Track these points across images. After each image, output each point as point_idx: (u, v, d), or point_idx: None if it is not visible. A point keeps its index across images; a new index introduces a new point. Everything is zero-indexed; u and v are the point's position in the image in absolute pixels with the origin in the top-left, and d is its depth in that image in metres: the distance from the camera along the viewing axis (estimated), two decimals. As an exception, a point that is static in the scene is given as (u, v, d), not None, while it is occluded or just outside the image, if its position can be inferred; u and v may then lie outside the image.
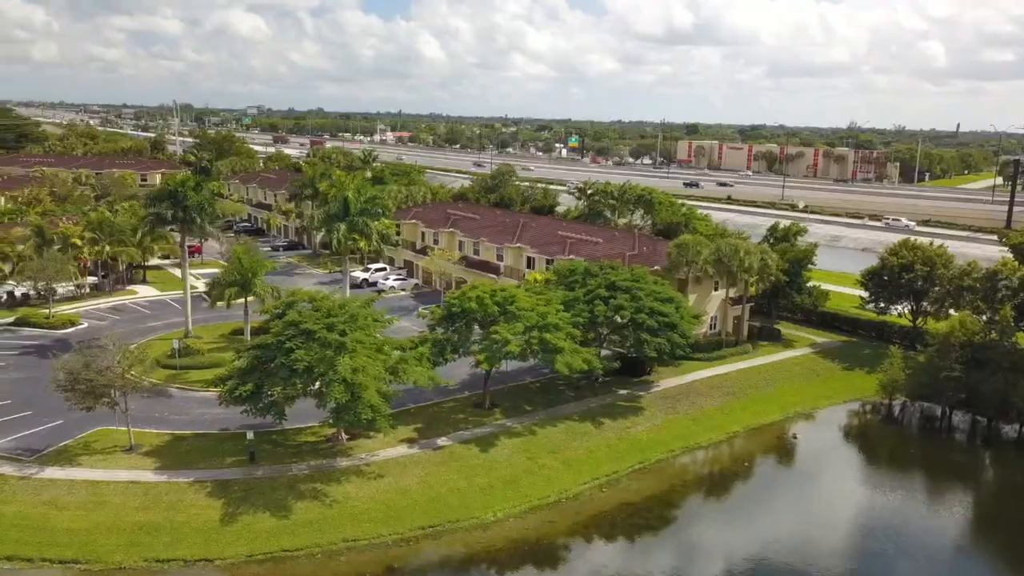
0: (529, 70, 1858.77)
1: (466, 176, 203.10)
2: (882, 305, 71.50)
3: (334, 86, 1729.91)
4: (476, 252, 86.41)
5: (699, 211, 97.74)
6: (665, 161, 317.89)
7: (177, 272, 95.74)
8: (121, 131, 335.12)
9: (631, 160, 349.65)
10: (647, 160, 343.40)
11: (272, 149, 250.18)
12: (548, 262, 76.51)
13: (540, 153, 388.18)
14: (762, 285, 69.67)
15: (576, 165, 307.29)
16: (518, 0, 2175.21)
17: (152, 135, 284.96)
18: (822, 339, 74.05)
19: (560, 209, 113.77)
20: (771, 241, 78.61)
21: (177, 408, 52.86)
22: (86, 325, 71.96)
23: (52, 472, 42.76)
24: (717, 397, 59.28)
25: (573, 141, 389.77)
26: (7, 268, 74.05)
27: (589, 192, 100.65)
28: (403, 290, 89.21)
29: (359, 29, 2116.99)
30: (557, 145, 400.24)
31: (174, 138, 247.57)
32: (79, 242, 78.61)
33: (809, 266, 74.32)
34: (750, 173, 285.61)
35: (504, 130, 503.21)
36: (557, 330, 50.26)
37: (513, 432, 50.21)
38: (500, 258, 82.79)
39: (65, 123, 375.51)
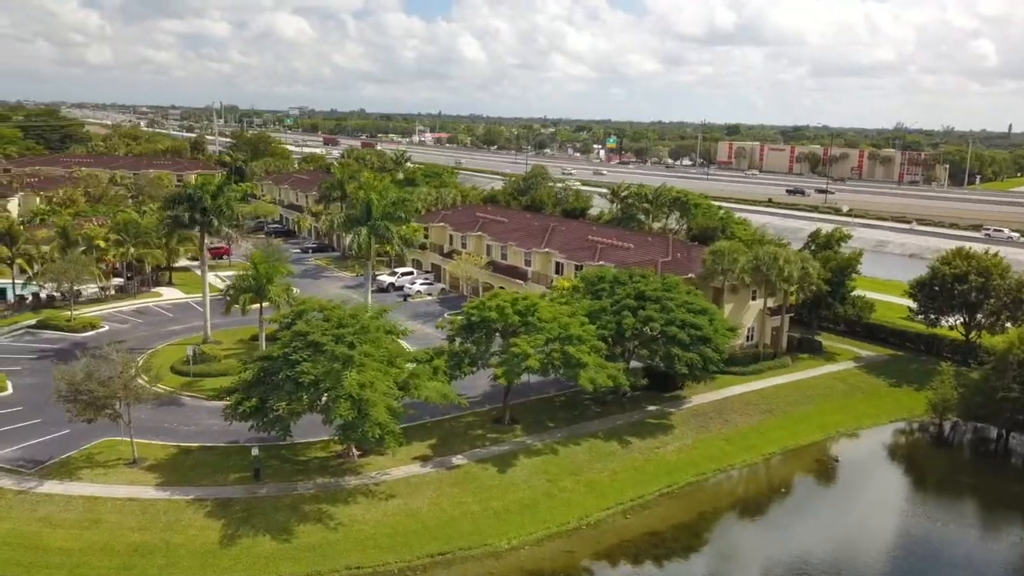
0: (569, 71, 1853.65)
1: (504, 178, 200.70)
2: (932, 317, 67.27)
3: (376, 87, 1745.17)
4: (504, 257, 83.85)
5: (737, 215, 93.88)
6: (705, 162, 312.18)
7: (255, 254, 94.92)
8: (164, 132, 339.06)
9: (671, 161, 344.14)
10: (686, 161, 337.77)
11: (319, 150, 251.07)
12: (577, 268, 73.60)
13: (577, 154, 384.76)
14: (803, 295, 65.93)
15: (616, 167, 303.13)
16: (559, 0, 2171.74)
17: (193, 135, 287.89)
18: (867, 352, 70.04)
19: (594, 212, 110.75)
20: (812, 248, 74.77)
21: (187, 418, 51.18)
22: (107, 328, 71.02)
23: (51, 487, 41.16)
24: (753, 415, 55.88)
25: (611, 142, 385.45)
26: (32, 270, 73.46)
27: (623, 195, 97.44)
28: (430, 295, 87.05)
29: (401, 30, 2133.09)
30: (595, 146, 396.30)
31: (213, 138, 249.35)
32: (103, 244, 77.84)
33: (853, 275, 70.27)
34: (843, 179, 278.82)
35: (543, 131, 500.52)
36: (580, 343, 47.43)
37: (533, 451, 47.50)
38: (528, 263, 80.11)
39: (111, 124, 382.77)
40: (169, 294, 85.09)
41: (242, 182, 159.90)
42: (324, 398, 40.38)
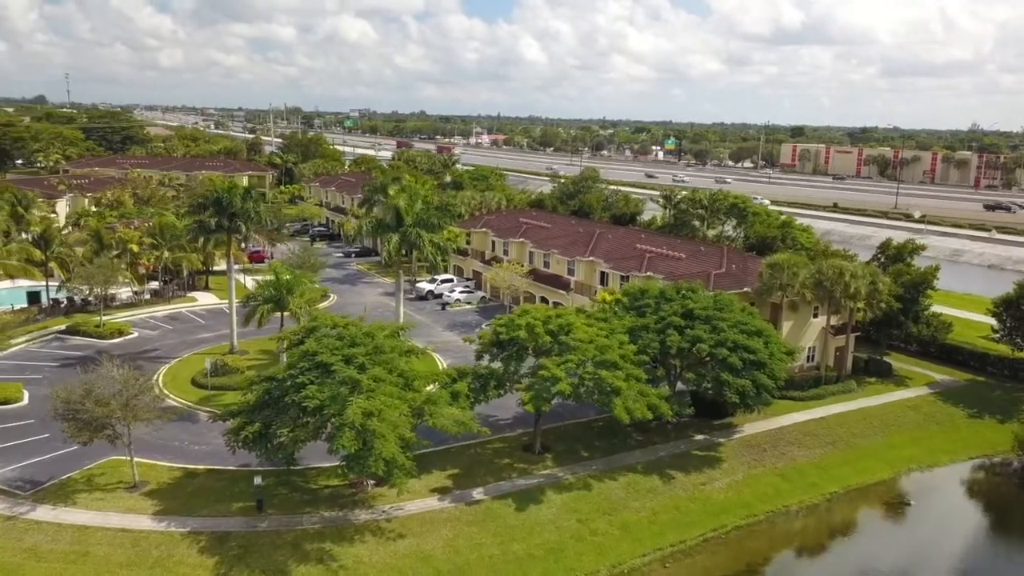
0: (630, 71, 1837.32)
1: (560, 180, 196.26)
2: (1019, 340, 60.57)
3: (436, 89, 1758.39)
4: (546, 265, 79.57)
5: (798, 222, 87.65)
6: (767, 164, 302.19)
7: (243, 279, 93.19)
8: (223, 133, 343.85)
9: (731, 164, 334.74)
10: (747, 163, 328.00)
11: (372, 151, 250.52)
12: (623, 279, 68.88)
13: (635, 156, 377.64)
14: (871, 313, 59.98)
15: (674, 168, 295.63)
16: (620, 1, 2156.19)
17: (251, 136, 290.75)
18: (942, 376, 63.62)
19: (646, 217, 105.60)
20: (882, 260, 68.58)
21: (199, 436, 48.33)
22: (136, 335, 69.21)
23: (43, 512, 38.53)
24: (813, 447, 50.44)
25: (670, 143, 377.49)
26: (66, 273, 72.19)
27: (675, 200, 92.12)
28: (469, 303, 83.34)
29: (462, 32, 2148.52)
30: (654, 148, 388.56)
31: (269, 139, 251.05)
32: (136, 248, 76.26)
33: (928, 291, 63.86)
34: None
35: (601, 132, 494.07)
36: (617, 368, 42.88)
37: (564, 485, 43.15)
38: (571, 272, 75.67)
39: (175, 126, 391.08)
40: (204, 299, 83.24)
41: (291, 183, 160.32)
42: (329, 426, 36.79)
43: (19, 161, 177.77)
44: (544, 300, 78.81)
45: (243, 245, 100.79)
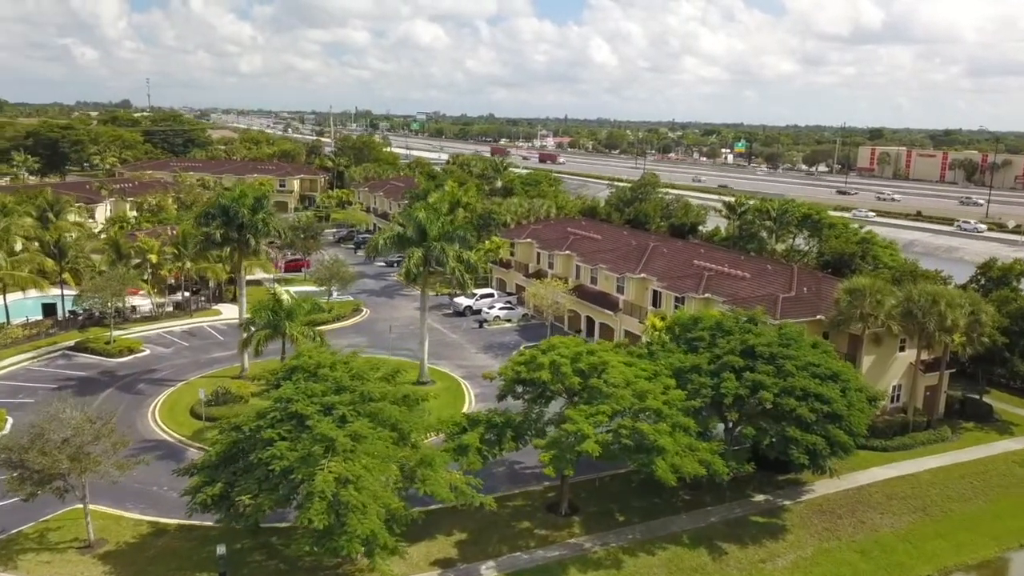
0: (701, 73, 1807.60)
1: (623, 183, 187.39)
2: None
3: (505, 91, 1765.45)
4: (593, 281, 72.11)
5: (880, 236, 77.94)
6: (844, 168, 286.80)
7: (278, 289, 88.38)
8: (287, 136, 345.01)
9: (804, 167, 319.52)
10: (823, 167, 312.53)
11: (431, 154, 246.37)
12: (677, 300, 61.03)
13: (704, 159, 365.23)
14: (971, 348, 50.77)
15: (742, 172, 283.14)
16: (692, 2, 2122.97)
17: (313, 139, 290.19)
18: (1057, 423, 53.84)
19: (708, 227, 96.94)
20: (982, 282, 59.05)
21: (183, 479, 42.61)
22: (147, 352, 64.64)
23: (-24, 578, 33.28)
24: (899, 514, 41.83)
25: (739, 146, 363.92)
26: (77, 284, 68.24)
27: (740, 210, 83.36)
28: (509, 321, 76.51)
29: (532, 35, 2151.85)
30: (723, 151, 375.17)
31: (328, 141, 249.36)
32: (155, 259, 71.95)
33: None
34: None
35: (669, 134, 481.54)
36: (660, 418, 35.39)
37: (591, 560, 35.82)
38: (620, 290, 68.06)
39: (243, 128, 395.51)
40: (229, 312, 78.35)
41: (341, 187, 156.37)
42: (301, 492, 30.34)
43: (86, 164, 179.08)
44: (590, 320, 71.47)
45: (289, 253, 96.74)
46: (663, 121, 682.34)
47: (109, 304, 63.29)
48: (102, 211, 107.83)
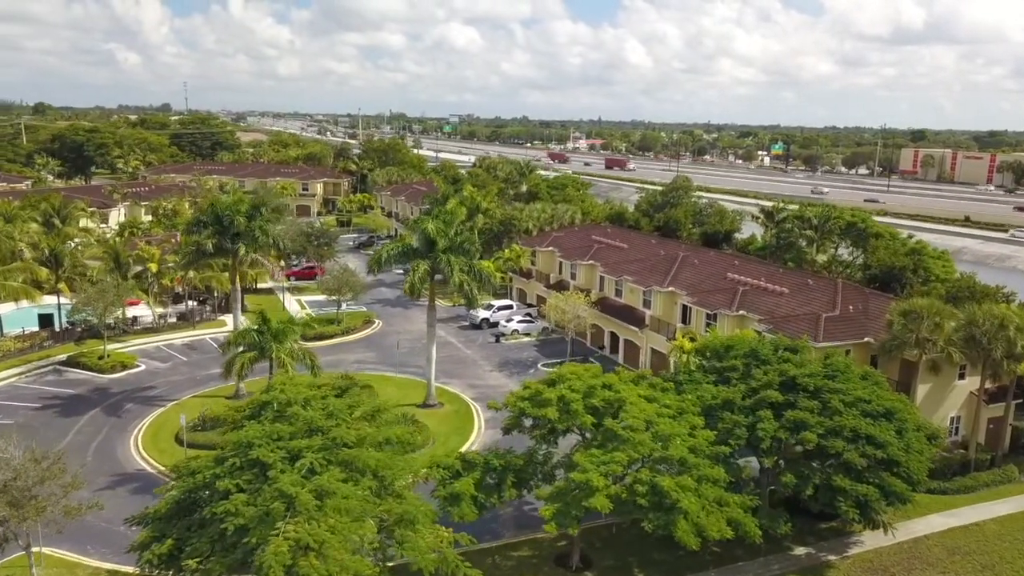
0: (737, 74, 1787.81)
1: (655, 187, 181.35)
2: None
3: (539, 94, 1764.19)
4: (618, 293, 67.10)
5: (932, 247, 71.71)
6: (885, 170, 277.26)
7: (287, 298, 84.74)
8: (318, 138, 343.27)
9: (844, 170, 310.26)
10: (863, 170, 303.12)
11: (463, 157, 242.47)
12: (709, 318, 55.85)
13: (739, 161, 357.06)
14: (1042, 378, 44.90)
15: (775, 175, 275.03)
16: (728, 3, 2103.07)
17: (342, 141, 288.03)
18: None
19: (744, 234, 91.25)
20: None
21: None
22: (142, 368, 61.11)
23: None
24: (963, 573, 36.25)
25: (777, 148, 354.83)
26: (70, 294, 64.93)
27: (778, 217, 77.59)
28: (528, 335, 71.76)
29: (566, 37, 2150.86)
30: (759, 153, 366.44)
31: (356, 143, 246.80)
32: (155, 268, 68.48)
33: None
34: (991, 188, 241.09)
35: (704, 136, 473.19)
36: (684, 467, 30.42)
37: (603, 629, 30.93)
38: (647, 304, 62.96)
39: (275, 130, 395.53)
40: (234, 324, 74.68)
41: (364, 191, 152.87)
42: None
43: (109, 168, 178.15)
44: (614, 336, 66.47)
45: (303, 261, 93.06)
46: (698, 123, 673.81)
47: (102, 317, 59.67)
48: (116, 216, 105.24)
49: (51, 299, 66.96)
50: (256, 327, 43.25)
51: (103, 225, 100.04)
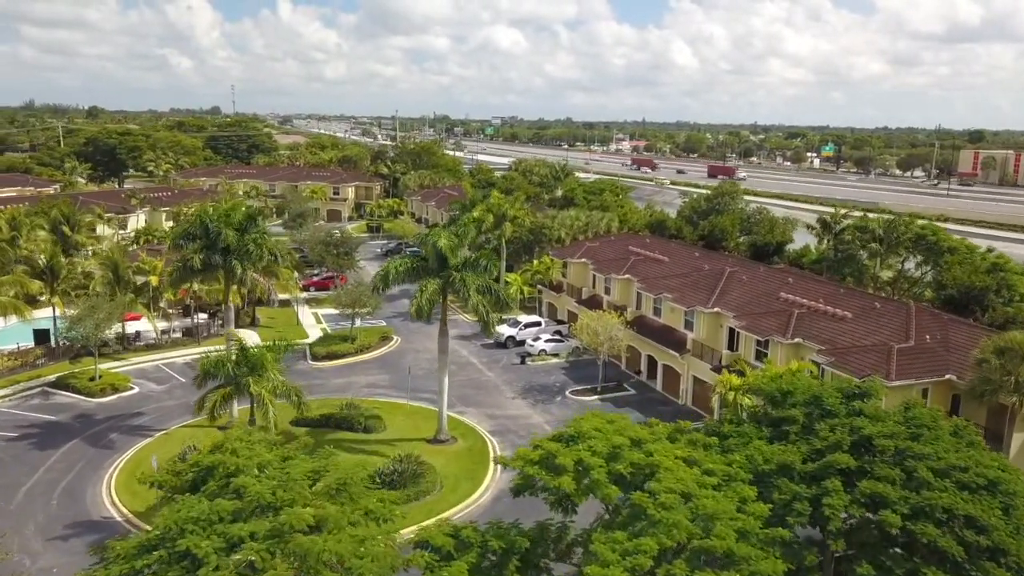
0: (786, 75, 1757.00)
1: (701, 191, 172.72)
2: None
3: (583, 96, 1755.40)
4: (656, 312, 60.48)
5: (1014, 261, 63.54)
6: (943, 173, 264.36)
7: (305, 311, 79.78)
8: (356, 140, 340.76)
9: (898, 172, 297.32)
10: (919, 172, 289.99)
11: (503, 159, 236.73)
12: (759, 345, 49.10)
13: (787, 163, 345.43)
14: None
15: (829, 178, 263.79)
16: (777, 2, 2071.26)
17: (379, 143, 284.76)
18: None
19: (795, 243, 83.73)
20: None
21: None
22: (135, 391, 56.38)
23: None
24: None
25: (827, 150, 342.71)
26: (64, 309, 60.54)
27: (837, 228, 69.95)
28: (556, 355, 65.48)
29: (611, 38, 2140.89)
30: (809, 154, 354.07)
31: (389, 144, 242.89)
32: (155, 281, 63.88)
33: None
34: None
35: (751, 137, 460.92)
36: (731, 560, 23.93)
37: None
38: (688, 326, 56.31)
39: (316, 133, 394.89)
40: (245, 339, 69.70)
41: (396, 196, 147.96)
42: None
43: (141, 171, 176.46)
44: (651, 360, 59.88)
45: (323, 271, 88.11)
46: (744, 124, 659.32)
47: (93, 335, 55.03)
48: (134, 222, 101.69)
49: (48, 313, 62.89)
50: (233, 355, 37.71)
51: (121, 232, 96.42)
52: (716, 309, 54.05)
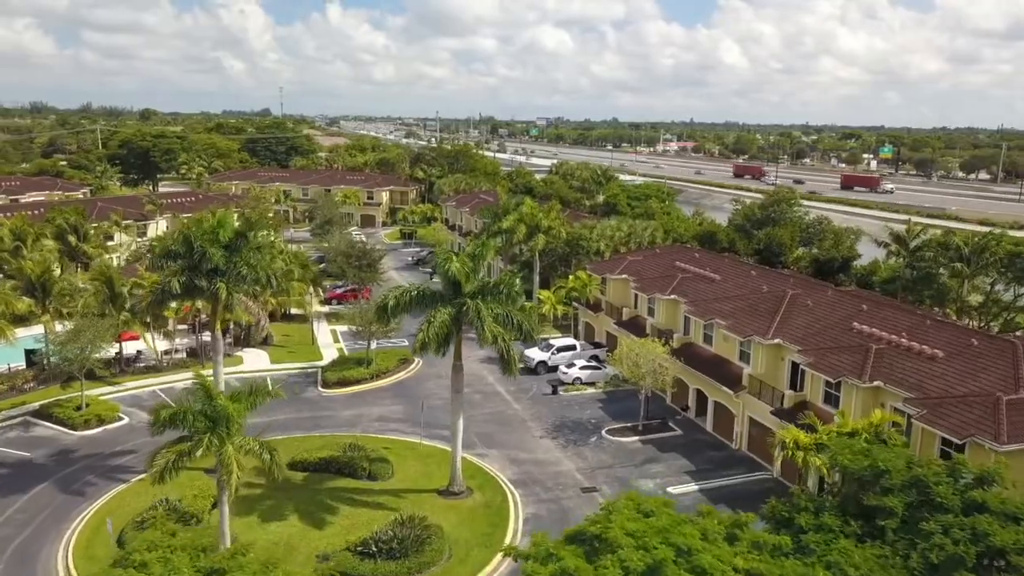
0: (839, 74, 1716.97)
1: (752, 195, 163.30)
2: None
3: (630, 96, 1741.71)
4: (707, 339, 53.18)
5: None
6: (1010, 176, 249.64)
7: (324, 327, 74.12)
8: (404, 142, 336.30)
9: (961, 175, 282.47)
10: (984, 175, 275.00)
11: (546, 161, 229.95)
12: (830, 387, 41.64)
13: (842, 164, 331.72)
14: None
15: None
16: (832, 0, 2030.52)
17: (420, 145, 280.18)
18: None
19: (862, 261, 75.25)
20: None
21: None
22: (123, 422, 51.06)
23: None
24: None
25: (885, 151, 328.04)
26: (53, 329, 55.48)
27: (914, 244, 61.49)
28: (592, 384, 58.55)
29: (659, 38, 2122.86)
30: (865, 156, 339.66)
31: (426, 144, 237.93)
32: (178, 286, 58.43)
33: None
34: None
35: (803, 138, 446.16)
36: None
37: None
38: (744, 358, 48.93)
39: (359, 134, 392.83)
40: (253, 361, 64.38)
41: (431, 201, 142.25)
42: None
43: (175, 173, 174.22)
44: (700, 395, 52.61)
45: (346, 284, 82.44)
46: (795, 124, 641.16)
47: (79, 359, 49.81)
48: (154, 230, 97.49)
49: (42, 331, 58.08)
50: (199, 403, 31.64)
51: (139, 240, 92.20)
52: (777, 340, 46.54)
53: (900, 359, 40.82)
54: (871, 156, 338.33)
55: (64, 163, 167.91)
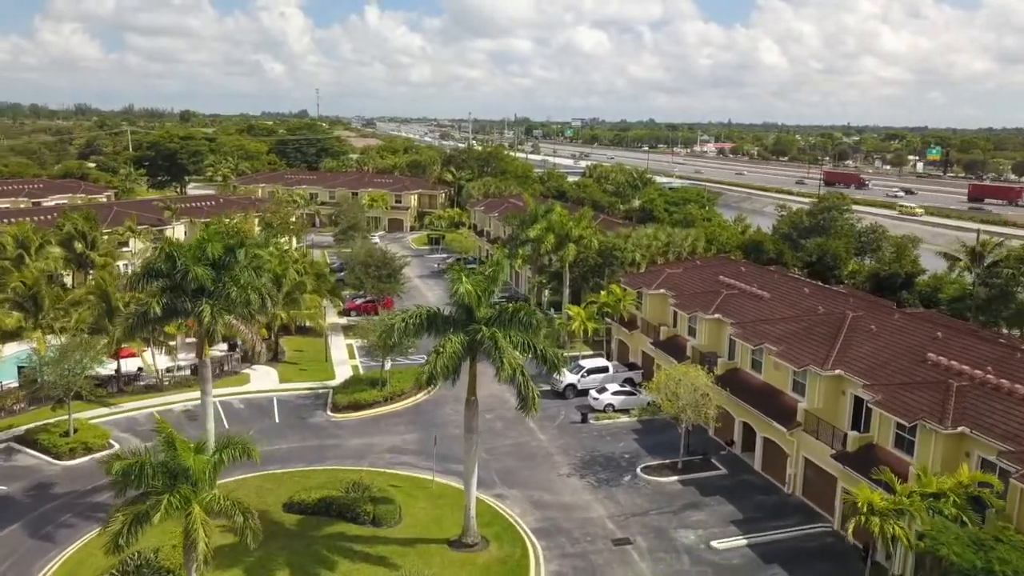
0: (881, 74, 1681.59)
1: (796, 200, 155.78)
2: None
3: (666, 97, 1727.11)
4: (755, 366, 47.43)
5: None
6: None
7: (340, 341, 69.74)
8: (439, 143, 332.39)
9: (1014, 178, 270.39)
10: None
11: (583, 162, 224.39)
12: (902, 430, 35.79)
13: (887, 167, 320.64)
14: None
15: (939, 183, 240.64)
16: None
17: (452, 147, 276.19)
18: None
19: (924, 277, 68.65)
20: None
21: None
22: (114, 449, 46.78)
23: None
24: None
25: (933, 153, 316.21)
26: (43, 348, 51.63)
27: (989, 259, 54.97)
28: (625, 412, 53.13)
29: (696, 38, 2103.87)
30: (910, 158, 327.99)
31: (458, 145, 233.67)
32: (158, 308, 54.42)
33: None
34: None
35: (844, 139, 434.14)
36: None
37: None
38: (798, 388, 43.13)
39: (391, 135, 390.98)
40: (261, 379, 60.20)
41: (460, 205, 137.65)
42: None
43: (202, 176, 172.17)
44: (747, 429, 46.87)
45: (366, 294, 77.95)
46: (836, 125, 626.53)
47: (66, 381, 45.78)
48: (172, 235, 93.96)
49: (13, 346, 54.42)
50: (163, 457, 27.00)
51: (153, 246, 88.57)
52: (838, 371, 40.71)
53: (987, 400, 34.78)
54: (916, 158, 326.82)
55: (92, 165, 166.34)
